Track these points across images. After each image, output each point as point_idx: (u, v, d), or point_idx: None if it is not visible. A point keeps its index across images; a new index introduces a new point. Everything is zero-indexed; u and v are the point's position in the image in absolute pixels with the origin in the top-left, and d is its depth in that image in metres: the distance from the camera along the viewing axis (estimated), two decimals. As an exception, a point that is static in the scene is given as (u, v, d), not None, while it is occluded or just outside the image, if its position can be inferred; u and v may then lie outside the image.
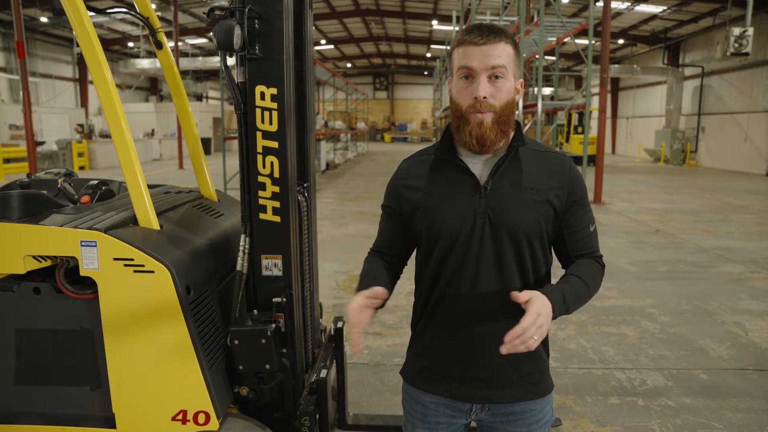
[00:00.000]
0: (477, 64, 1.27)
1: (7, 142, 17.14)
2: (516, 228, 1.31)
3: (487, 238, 1.32)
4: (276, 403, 1.91)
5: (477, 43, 1.27)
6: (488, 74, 1.28)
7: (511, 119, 1.34)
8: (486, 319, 1.34)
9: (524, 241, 1.33)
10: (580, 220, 1.38)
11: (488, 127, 1.29)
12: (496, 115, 1.30)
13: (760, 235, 8.01)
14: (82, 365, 1.74)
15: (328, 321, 2.52)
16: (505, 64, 1.28)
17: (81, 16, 1.66)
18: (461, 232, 1.33)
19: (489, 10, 18.72)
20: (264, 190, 1.78)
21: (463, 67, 1.30)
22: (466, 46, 1.29)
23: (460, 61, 1.30)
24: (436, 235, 1.36)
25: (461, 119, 1.32)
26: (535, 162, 1.36)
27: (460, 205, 1.33)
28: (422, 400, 1.45)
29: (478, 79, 1.28)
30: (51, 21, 20.83)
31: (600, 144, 10.77)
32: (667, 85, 22.74)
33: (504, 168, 1.34)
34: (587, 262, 1.40)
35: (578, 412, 3.07)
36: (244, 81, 1.73)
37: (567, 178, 1.36)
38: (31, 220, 1.70)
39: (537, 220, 1.33)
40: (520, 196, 1.32)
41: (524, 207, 1.32)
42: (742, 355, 3.86)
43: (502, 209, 1.32)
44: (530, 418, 1.41)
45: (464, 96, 1.31)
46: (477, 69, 1.28)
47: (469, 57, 1.28)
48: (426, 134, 42.56)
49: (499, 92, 1.29)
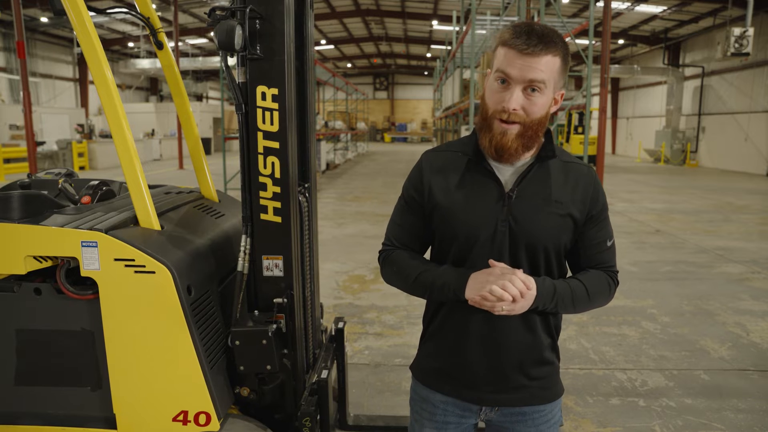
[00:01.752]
0: (515, 73, 1.21)
1: (7, 142, 17.15)
2: (536, 239, 1.30)
3: (506, 245, 1.31)
4: (277, 404, 1.90)
5: (521, 51, 1.20)
6: (524, 86, 1.22)
7: (540, 133, 1.30)
8: (498, 324, 1.33)
9: (541, 252, 1.31)
10: (597, 234, 1.36)
11: (511, 138, 1.26)
12: (523, 128, 1.25)
13: (761, 235, 8.00)
14: (83, 366, 1.74)
15: (329, 321, 2.52)
16: (545, 79, 1.22)
17: (82, 16, 1.65)
18: (480, 237, 1.31)
19: (489, 10, 18.69)
20: (265, 191, 1.78)
21: (500, 70, 1.24)
22: (509, 49, 1.22)
23: (499, 63, 1.24)
24: (454, 236, 1.34)
25: (485, 122, 1.29)
26: (561, 174, 1.34)
27: (483, 209, 1.31)
28: (432, 399, 1.44)
29: (512, 88, 1.23)
30: (51, 21, 20.83)
31: (600, 144, 10.76)
32: (668, 85, 22.74)
33: (531, 177, 1.31)
34: (597, 272, 1.38)
35: (579, 413, 3.07)
36: (245, 81, 1.73)
37: (590, 193, 1.34)
38: (32, 220, 1.70)
39: (557, 233, 1.31)
40: (544, 207, 1.30)
41: (547, 219, 1.30)
42: (743, 355, 3.85)
43: (525, 219, 1.29)
44: (540, 418, 1.40)
45: (494, 100, 1.26)
46: (514, 78, 1.22)
47: (510, 63, 1.22)
48: (426, 134, 42.55)
49: (533, 106, 1.24)
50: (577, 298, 1.32)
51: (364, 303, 4.90)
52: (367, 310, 4.70)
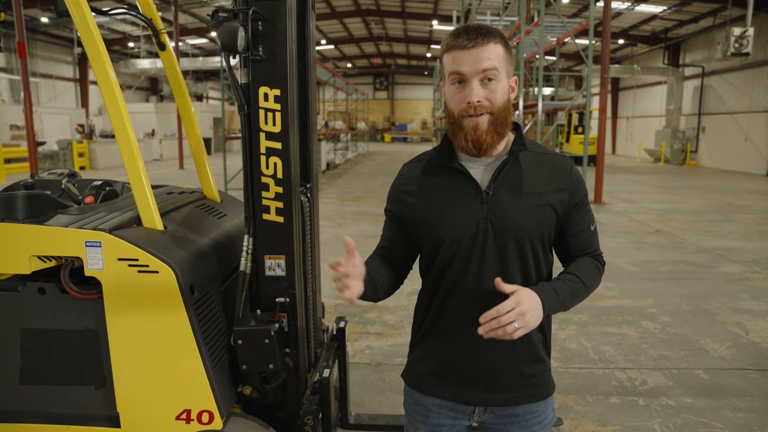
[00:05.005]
0: (468, 69, 1.26)
1: (8, 143, 17.16)
2: (519, 232, 1.31)
3: (490, 243, 1.32)
4: (279, 403, 1.91)
5: (466, 47, 1.25)
6: (480, 78, 1.27)
7: (509, 120, 1.33)
8: None
9: (527, 245, 1.33)
10: (582, 221, 1.39)
11: (484, 130, 1.29)
12: (492, 117, 1.29)
13: (761, 235, 8.01)
14: (87, 365, 1.75)
15: (330, 321, 2.53)
16: (496, 66, 1.26)
17: (85, 17, 1.66)
18: (464, 238, 1.33)
19: (489, 10, 18.71)
20: (267, 191, 1.79)
21: (454, 72, 1.28)
22: (455, 51, 1.27)
23: (450, 66, 1.29)
24: (439, 241, 1.35)
25: (455, 125, 1.32)
26: (535, 165, 1.36)
27: (462, 210, 1.33)
28: (424, 402, 1.45)
29: (470, 83, 1.27)
30: (52, 21, 20.84)
31: (600, 144, 10.77)
32: (668, 85, 22.74)
33: (505, 172, 1.33)
34: (586, 260, 1.41)
35: (579, 412, 3.08)
36: (248, 82, 1.74)
37: (568, 181, 1.36)
38: (35, 220, 1.71)
39: (539, 224, 1.33)
40: (522, 200, 1.32)
41: (526, 211, 1.32)
42: (743, 355, 3.86)
43: (505, 214, 1.31)
44: (533, 419, 1.41)
45: (457, 101, 1.30)
46: (468, 74, 1.26)
47: (459, 62, 1.26)
48: (426, 134, 42.56)
49: (494, 94, 1.28)
50: (576, 292, 1.35)
51: (364, 303, 4.90)
52: (368, 310, 4.71)
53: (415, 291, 1.50)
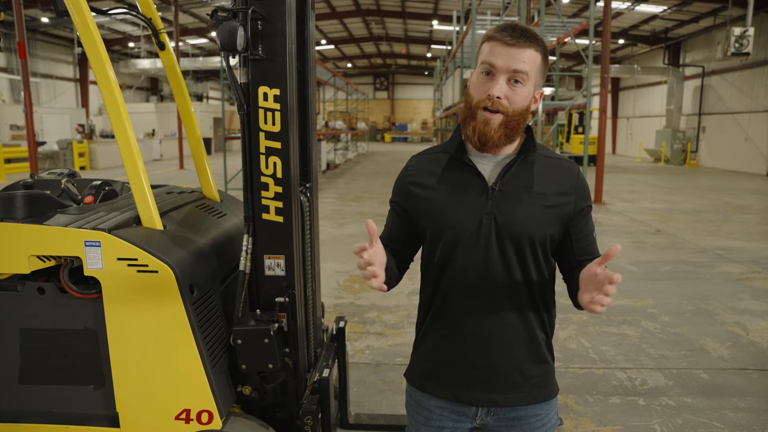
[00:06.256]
0: (500, 63, 1.27)
1: (8, 143, 17.18)
2: (521, 231, 1.31)
3: (493, 239, 1.32)
4: (279, 403, 1.91)
5: (506, 43, 1.27)
6: (508, 76, 1.27)
7: (521, 126, 1.33)
8: (490, 320, 1.34)
9: (528, 245, 1.33)
10: (586, 227, 1.39)
11: (494, 128, 1.29)
12: (505, 118, 1.29)
13: (761, 235, 8.01)
14: (86, 364, 1.75)
15: (330, 321, 2.53)
16: (527, 71, 1.27)
17: (85, 17, 1.66)
18: (465, 232, 1.32)
19: (489, 10, 18.71)
20: (267, 191, 1.79)
21: (486, 62, 1.29)
22: (494, 43, 1.28)
23: (485, 56, 1.30)
24: (441, 233, 1.35)
25: (469, 111, 1.32)
26: (543, 168, 1.36)
27: (466, 205, 1.33)
28: (426, 404, 1.44)
29: (497, 78, 1.28)
30: (52, 21, 20.84)
31: (600, 144, 10.77)
32: (668, 85, 22.73)
33: (513, 171, 1.33)
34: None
35: (579, 412, 3.08)
36: (247, 82, 1.74)
37: (575, 185, 1.37)
38: (35, 220, 1.71)
39: (542, 225, 1.33)
40: (528, 200, 1.32)
41: (531, 211, 1.32)
42: (743, 354, 3.86)
43: (509, 212, 1.31)
44: (536, 422, 1.40)
45: (480, 90, 1.30)
46: (499, 68, 1.27)
47: (495, 54, 1.27)
48: (426, 134, 42.57)
49: (515, 96, 1.28)
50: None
51: (364, 302, 4.91)
52: (368, 310, 4.71)
53: (414, 291, 1.50)
